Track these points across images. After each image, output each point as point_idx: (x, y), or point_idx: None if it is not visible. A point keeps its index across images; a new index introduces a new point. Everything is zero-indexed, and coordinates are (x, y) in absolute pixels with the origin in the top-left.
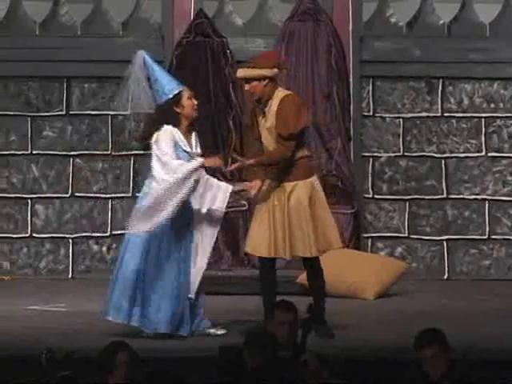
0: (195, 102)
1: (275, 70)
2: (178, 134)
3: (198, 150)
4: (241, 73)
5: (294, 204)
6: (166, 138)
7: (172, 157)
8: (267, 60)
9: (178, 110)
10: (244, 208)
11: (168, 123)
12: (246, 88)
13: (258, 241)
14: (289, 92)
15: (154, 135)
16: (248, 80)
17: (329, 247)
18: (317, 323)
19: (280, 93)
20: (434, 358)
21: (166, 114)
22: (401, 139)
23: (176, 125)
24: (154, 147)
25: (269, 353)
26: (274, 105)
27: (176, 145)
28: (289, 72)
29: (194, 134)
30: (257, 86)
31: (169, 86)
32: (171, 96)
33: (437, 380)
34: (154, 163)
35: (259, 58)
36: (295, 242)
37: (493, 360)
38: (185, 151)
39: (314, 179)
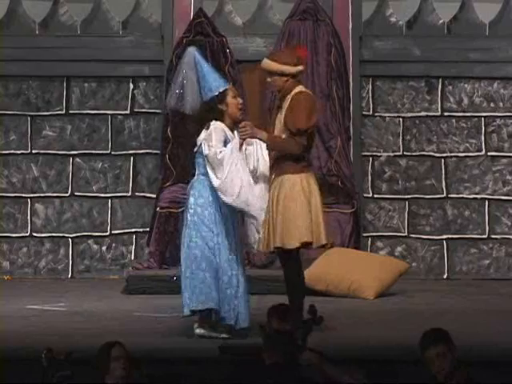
0: (240, 101)
1: (298, 68)
2: (226, 130)
3: (242, 147)
4: (263, 64)
5: (280, 198)
6: (216, 135)
7: (220, 148)
8: (290, 57)
9: (222, 107)
10: None
11: (216, 118)
12: (267, 79)
13: None
14: (304, 89)
15: (202, 133)
16: (270, 73)
17: (282, 245)
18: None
19: (297, 90)
20: (441, 357)
21: (211, 111)
22: (400, 138)
23: (221, 121)
24: (205, 147)
25: (287, 351)
26: (289, 99)
27: (226, 141)
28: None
29: (235, 133)
30: (277, 79)
31: (215, 83)
32: (216, 93)
33: (443, 380)
34: (207, 166)
35: (284, 52)
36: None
37: (493, 359)
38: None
39: (299, 177)
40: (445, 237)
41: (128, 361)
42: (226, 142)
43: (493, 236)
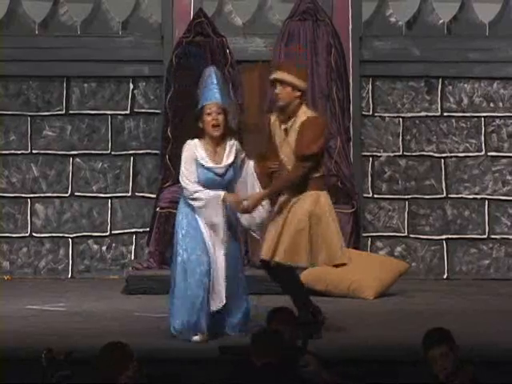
0: (214, 118)
1: (306, 85)
2: (199, 149)
3: (229, 161)
4: (279, 75)
5: (293, 213)
6: (186, 156)
7: (190, 178)
8: (302, 72)
9: (200, 124)
10: None
11: (195, 136)
12: (276, 90)
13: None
14: (314, 113)
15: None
16: (283, 83)
17: (321, 263)
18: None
19: (305, 112)
20: (443, 357)
21: (193, 126)
22: (400, 139)
23: (201, 138)
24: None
25: (276, 352)
26: (298, 123)
27: (196, 161)
28: None
29: (228, 145)
30: (289, 93)
31: (202, 99)
32: (198, 109)
33: (444, 380)
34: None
35: (295, 66)
36: (281, 246)
37: (493, 359)
38: (205, 167)
39: (321, 194)
40: (444, 237)
41: (138, 361)
42: (197, 162)
43: (492, 236)
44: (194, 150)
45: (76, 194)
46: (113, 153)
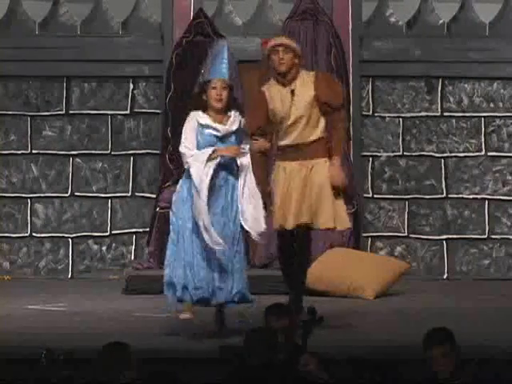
0: (218, 93)
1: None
2: (203, 117)
3: (233, 128)
4: (285, 40)
5: (316, 180)
6: (187, 126)
7: (189, 146)
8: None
9: (204, 97)
10: None
11: (198, 108)
12: (280, 55)
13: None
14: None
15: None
16: (286, 48)
17: (339, 225)
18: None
19: (305, 73)
20: (444, 357)
21: (197, 98)
22: (400, 139)
23: (204, 110)
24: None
25: (270, 351)
26: (304, 79)
27: (200, 128)
28: None
29: (232, 114)
30: (291, 58)
31: (208, 72)
32: (201, 82)
33: (445, 380)
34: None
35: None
36: (316, 213)
37: (493, 359)
38: (209, 127)
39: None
40: (444, 237)
41: (138, 361)
42: (200, 130)
43: (493, 236)
44: (197, 118)
45: (76, 193)
46: (113, 153)
